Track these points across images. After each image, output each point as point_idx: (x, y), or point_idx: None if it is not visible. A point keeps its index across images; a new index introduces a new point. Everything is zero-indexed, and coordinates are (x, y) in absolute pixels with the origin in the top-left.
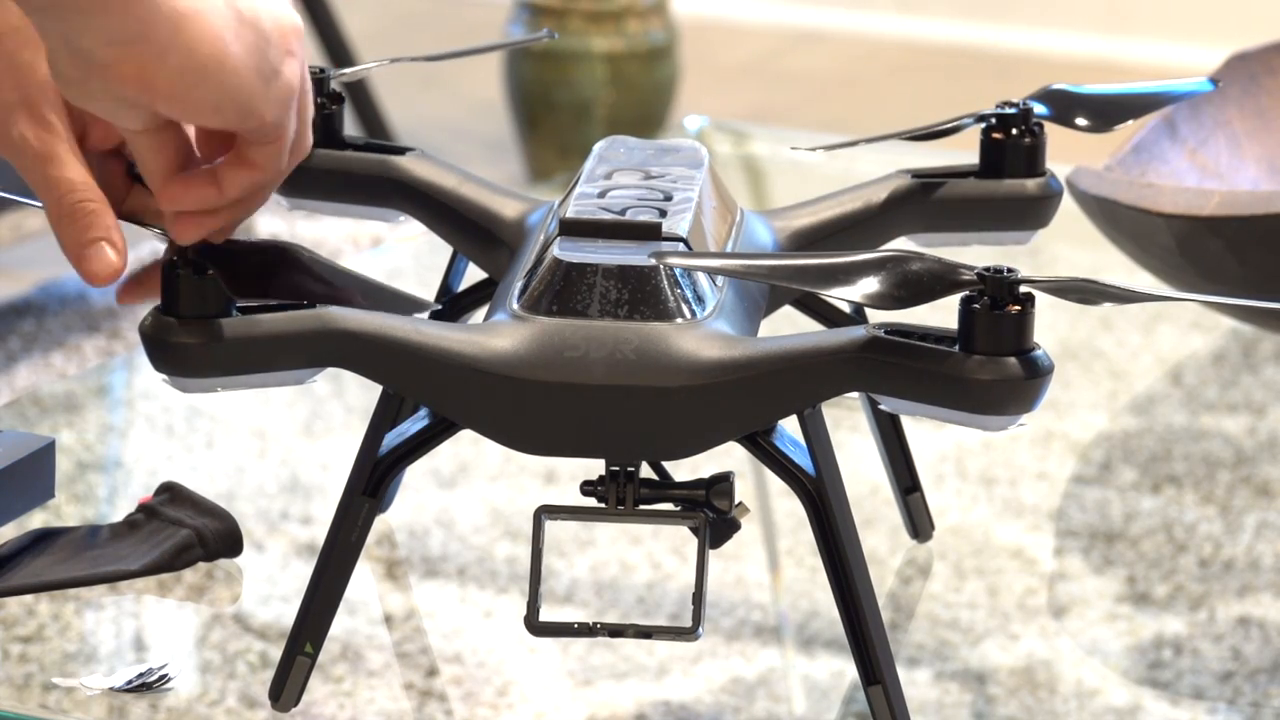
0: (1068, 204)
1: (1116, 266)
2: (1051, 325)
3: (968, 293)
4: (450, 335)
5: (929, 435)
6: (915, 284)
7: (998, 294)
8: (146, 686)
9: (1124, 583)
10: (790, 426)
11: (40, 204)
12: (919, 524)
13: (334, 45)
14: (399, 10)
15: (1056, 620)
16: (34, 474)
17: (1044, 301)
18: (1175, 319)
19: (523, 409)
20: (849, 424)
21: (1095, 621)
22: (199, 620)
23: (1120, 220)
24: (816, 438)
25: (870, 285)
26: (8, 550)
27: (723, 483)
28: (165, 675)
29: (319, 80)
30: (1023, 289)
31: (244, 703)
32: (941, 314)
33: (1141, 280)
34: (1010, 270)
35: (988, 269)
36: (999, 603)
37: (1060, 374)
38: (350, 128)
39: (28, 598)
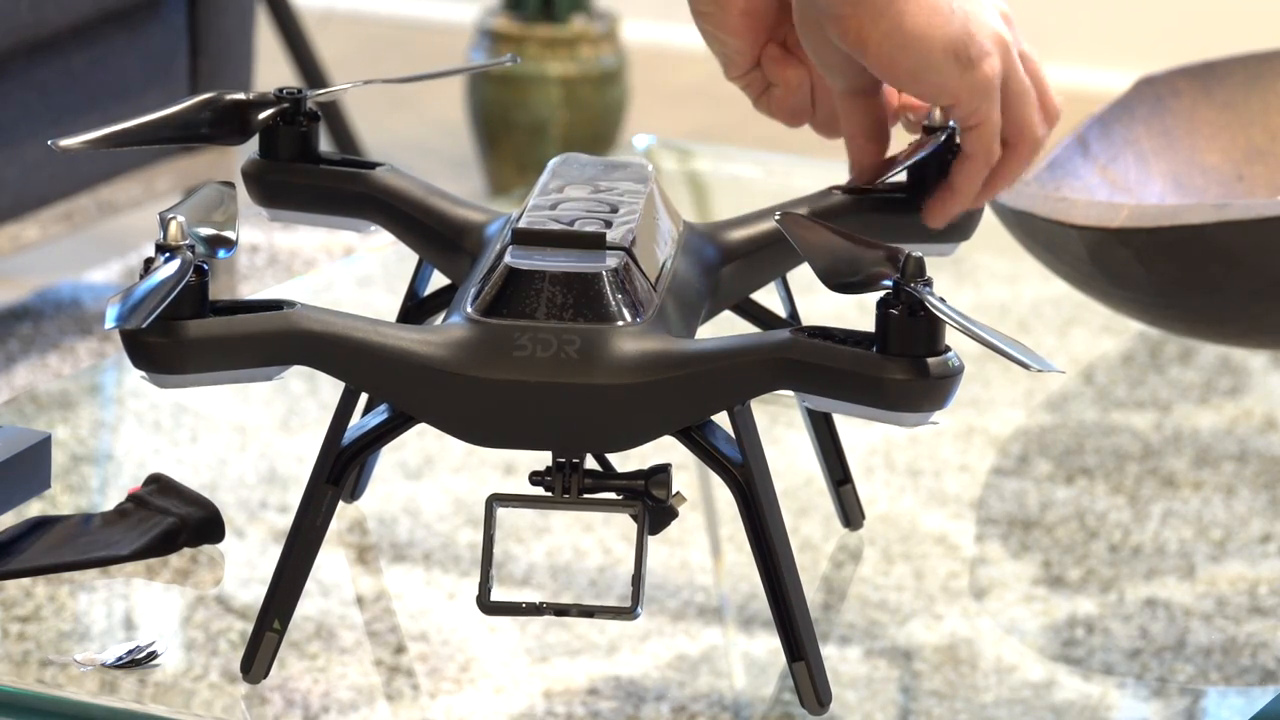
0: (988, 216)
1: (1032, 275)
2: None
3: (884, 295)
4: (406, 335)
5: (859, 430)
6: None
7: (910, 304)
8: (135, 663)
9: (1040, 567)
10: (722, 421)
11: None
12: (850, 513)
13: (308, 68)
14: (368, 36)
15: (977, 601)
16: (31, 466)
17: (965, 304)
18: (1087, 323)
19: (473, 404)
20: (785, 420)
21: (1013, 603)
22: (184, 601)
23: (1036, 231)
24: (745, 432)
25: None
26: (7, 537)
27: (660, 474)
28: (153, 652)
29: (296, 100)
30: (929, 301)
31: (225, 677)
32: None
33: (1056, 287)
34: (927, 283)
35: (899, 282)
36: (924, 585)
37: (981, 373)
38: (324, 144)
39: (26, 580)
